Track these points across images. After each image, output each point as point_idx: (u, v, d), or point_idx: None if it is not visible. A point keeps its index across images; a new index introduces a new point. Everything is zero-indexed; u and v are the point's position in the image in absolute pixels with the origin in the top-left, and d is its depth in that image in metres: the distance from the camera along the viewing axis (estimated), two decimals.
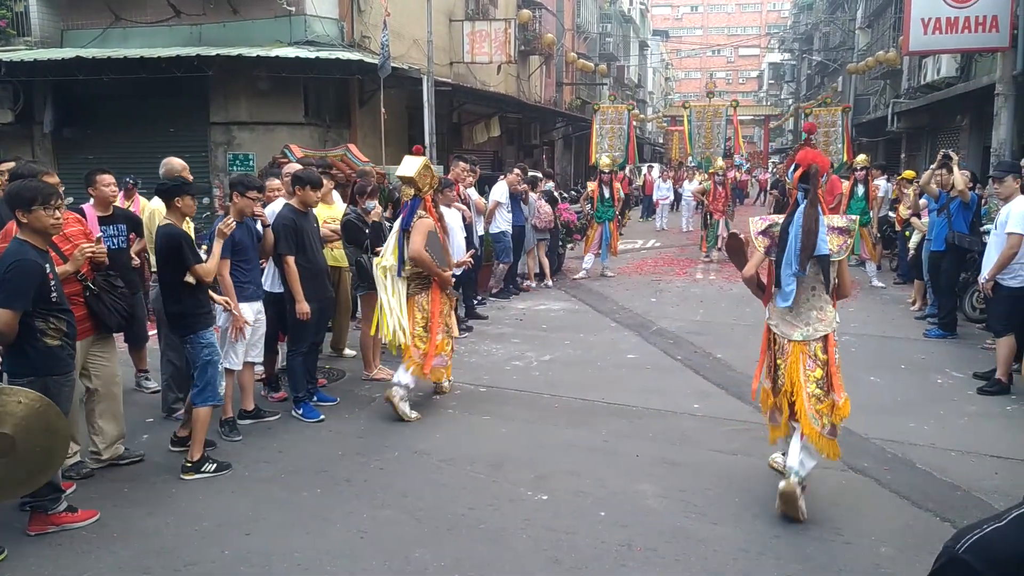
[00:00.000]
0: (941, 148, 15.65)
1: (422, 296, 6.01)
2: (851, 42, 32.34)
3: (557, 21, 28.38)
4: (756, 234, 4.48)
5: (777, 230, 4.39)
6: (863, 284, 11.72)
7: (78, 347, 4.61)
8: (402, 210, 6.07)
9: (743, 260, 4.68)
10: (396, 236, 5.95)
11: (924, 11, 11.85)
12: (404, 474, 4.85)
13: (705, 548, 3.88)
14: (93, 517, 4.20)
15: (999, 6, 11.37)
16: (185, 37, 13.14)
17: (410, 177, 5.88)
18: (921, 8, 11.88)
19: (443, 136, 16.95)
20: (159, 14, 13.24)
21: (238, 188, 5.44)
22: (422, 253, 5.78)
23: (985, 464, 4.96)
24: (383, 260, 5.97)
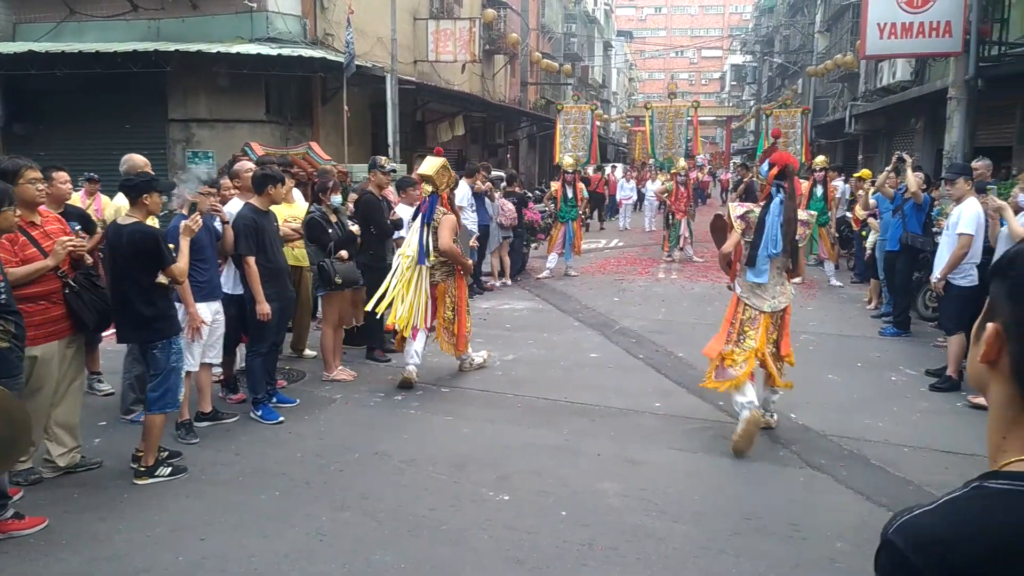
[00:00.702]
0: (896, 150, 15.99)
1: (449, 283, 6.69)
2: (811, 45, 32.89)
3: (522, 21, 28.41)
4: (736, 218, 5.23)
5: (753, 217, 5.15)
6: (822, 283, 11.92)
7: (56, 347, 4.51)
8: (421, 206, 6.68)
9: (723, 238, 5.38)
10: (417, 230, 6.55)
11: (880, 16, 12.08)
12: (364, 476, 4.80)
13: (666, 546, 3.91)
14: (41, 524, 4.08)
15: (952, 12, 11.63)
16: (142, 32, 12.88)
17: (429, 175, 6.56)
18: (877, 13, 12.11)
19: (407, 135, 16.87)
20: (115, 8, 12.97)
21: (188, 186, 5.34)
22: (452, 246, 6.48)
23: (936, 459, 5.07)
24: (406, 250, 6.58)
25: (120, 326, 4.80)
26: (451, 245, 6.50)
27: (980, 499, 0.97)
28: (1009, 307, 1.00)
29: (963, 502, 0.98)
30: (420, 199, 6.85)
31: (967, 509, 0.97)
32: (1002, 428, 1.03)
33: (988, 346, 1.02)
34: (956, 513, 0.97)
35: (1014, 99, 12.49)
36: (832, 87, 28.33)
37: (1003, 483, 0.98)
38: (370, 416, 5.94)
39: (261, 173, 5.94)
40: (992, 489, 0.98)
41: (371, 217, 7.21)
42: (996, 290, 1.04)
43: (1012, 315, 0.99)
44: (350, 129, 12.72)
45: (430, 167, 6.64)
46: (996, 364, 1.02)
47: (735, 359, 5.18)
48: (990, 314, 1.04)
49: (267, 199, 5.85)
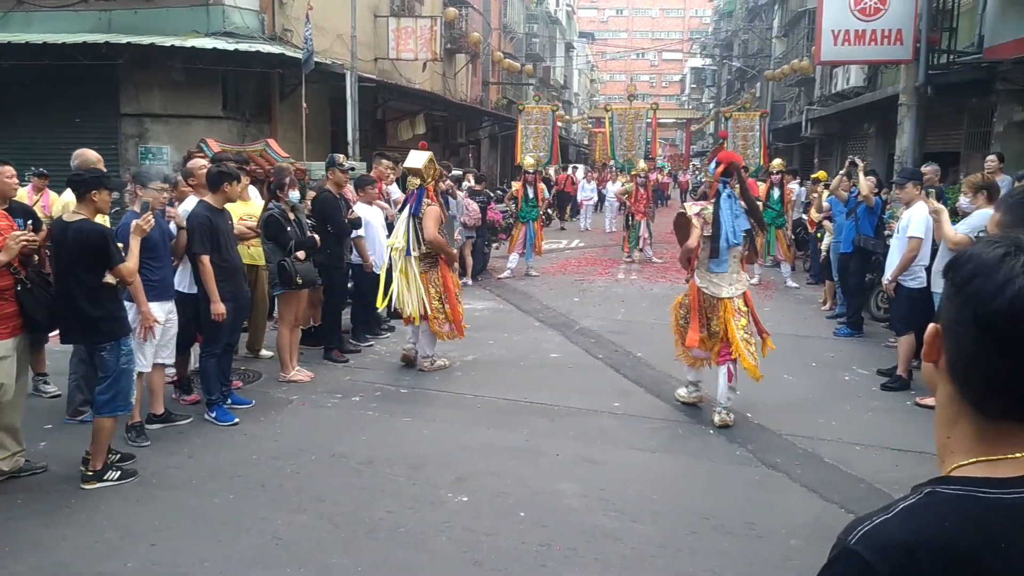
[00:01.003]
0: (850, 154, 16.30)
1: (433, 273, 6.86)
2: (768, 50, 33.41)
3: (484, 20, 28.36)
4: (693, 215, 5.72)
5: (708, 214, 5.66)
6: (778, 285, 12.10)
7: (10, 344, 4.36)
8: (409, 198, 6.92)
9: (686, 235, 5.76)
10: (405, 222, 6.81)
11: (834, 23, 12.30)
12: (321, 478, 4.74)
13: (624, 546, 3.92)
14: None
15: (903, 21, 11.90)
16: (93, 23, 12.54)
17: (417, 169, 6.83)
18: (831, 20, 12.34)
19: (367, 133, 16.71)
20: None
21: (139, 180, 5.21)
22: (436, 236, 6.72)
23: (886, 457, 5.17)
24: (395, 242, 6.84)
25: (65, 327, 4.66)
26: (435, 235, 6.72)
27: (934, 506, 0.99)
28: (945, 307, 1.03)
29: (918, 509, 0.99)
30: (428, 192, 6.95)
31: (922, 516, 0.98)
32: (945, 427, 1.06)
33: (928, 345, 1.05)
34: (912, 520, 0.98)
35: (962, 106, 12.82)
36: (789, 91, 28.81)
37: (953, 488, 1.00)
38: (327, 417, 5.87)
39: (216, 170, 5.83)
40: (944, 495, 1.00)
41: (328, 216, 7.13)
42: (943, 293, 1.07)
43: (947, 315, 1.02)
44: (309, 126, 12.55)
45: (417, 160, 6.88)
46: (938, 363, 1.05)
47: (708, 344, 5.77)
48: (936, 315, 1.07)
49: (222, 197, 5.75)
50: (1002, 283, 0.94)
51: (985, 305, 0.95)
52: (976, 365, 0.98)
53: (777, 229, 12.22)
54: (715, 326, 5.69)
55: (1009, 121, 10.68)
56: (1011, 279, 0.94)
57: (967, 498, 0.98)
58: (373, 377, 6.88)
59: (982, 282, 0.96)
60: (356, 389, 6.52)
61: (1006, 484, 0.98)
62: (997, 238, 1.02)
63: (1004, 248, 0.98)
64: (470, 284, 11.83)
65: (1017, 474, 0.98)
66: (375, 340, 8.15)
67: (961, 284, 0.99)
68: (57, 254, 4.60)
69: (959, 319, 0.99)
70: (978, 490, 0.98)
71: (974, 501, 0.97)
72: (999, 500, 0.96)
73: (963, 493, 0.98)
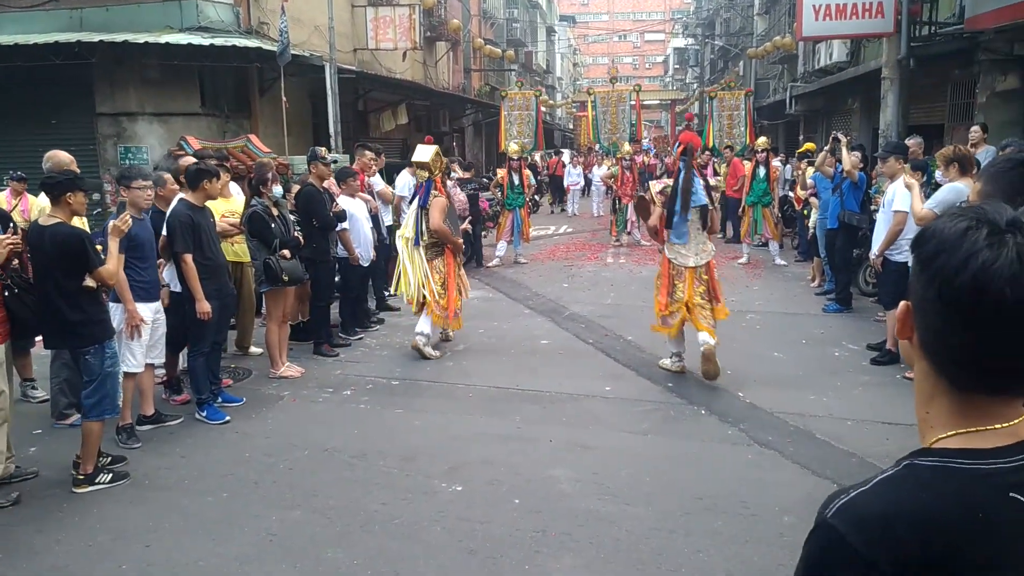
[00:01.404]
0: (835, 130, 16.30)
1: (438, 261, 7.20)
2: (750, 28, 33.32)
3: (463, 7, 28.17)
4: (656, 193, 6.31)
5: (669, 191, 6.24)
6: (767, 263, 12.12)
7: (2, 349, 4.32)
8: (418, 190, 7.30)
9: (648, 214, 6.47)
10: (414, 212, 7.16)
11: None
12: (314, 473, 4.73)
13: (618, 529, 3.93)
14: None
15: None
16: (64, 22, 12.35)
17: (425, 162, 7.17)
18: None
19: (348, 124, 16.61)
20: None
21: (122, 182, 5.16)
22: (442, 226, 7.01)
23: (877, 431, 5.20)
24: (404, 232, 7.23)
25: (46, 332, 4.62)
26: (441, 225, 7.02)
27: (912, 477, 0.99)
28: (913, 284, 1.03)
29: (896, 481, 1.00)
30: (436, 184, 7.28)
31: (900, 487, 0.99)
32: (924, 402, 1.06)
33: (900, 323, 1.06)
34: (890, 492, 0.99)
35: (945, 78, 12.81)
36: (772, 69, 28.76)
37: (932, 460, 1.00)
38: (319, 412, 5.85)
39: (195, 168, 5.78)
40: (922, 466, 1.00)
41: (313, 210, 7.08)
42: (912, 269, 1.06)
43: (915, 292, 1.02)
44: (289, 120, 12.44)
45: (425, 155, 7.24)
46: (911, 340, 1.05)
47: (672, 309, 6.29)
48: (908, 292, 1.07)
49: (202, 194, 5.70)
50: (965, 258, 0.94)
51: (949, 281, 0.95)
52: (944, 340, 0.99)
53: (764, 208, 12.22)
54: (679, 292, 6.24)
55: (992, 91, 10.68)
56: (973, 253, 0.94)
57: (945, 469, 0.98)
58: (363, 370, 6.86)
59: (946, 258, 0.96)
60: (347, 383, 6.50)
61: (984, 455, 0.98)
62: (961, 211, 1.01)
63: (967, 222, 0.97)
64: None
65: (995, 445, 0.99)
66: (364, 333, 8.12)
67: (926, 260, 0.99)
68: (35, 259, 4.54)
69: (925, 296, 0.99)
70: (956, 461, 0.98)
71: (952, 472, 0.97)
72: (977, 470, 0.97)
73: (941, 465, 0.99)
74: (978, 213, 0.98)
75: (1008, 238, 0.94)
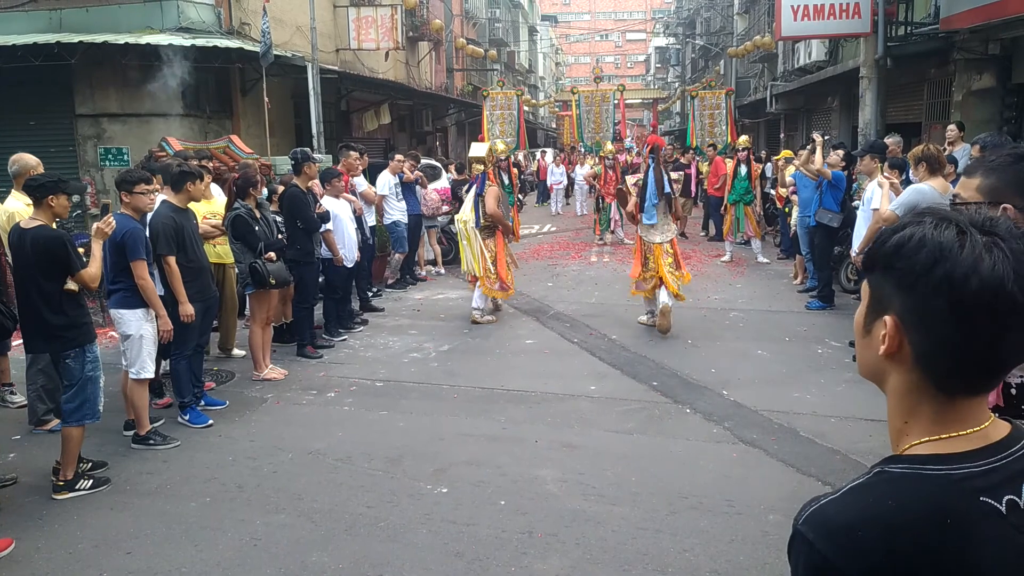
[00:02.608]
0: (815, 128, 16.41)
1: (489, 241, 8.43)
2: (730, 27, 33.48)
3: (445, 6, 28.12)
4: (631, 185, 7.99)
5: (639, 183, 7.77)
6: (749, 261, 12.18)
7: None
8: (474, 181, 8.63)
9: (626, 202, 8.09)
10: (472, 199, 8.44)
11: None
12: (299, 476, 4.70)
13: (604, 529, 3.93)
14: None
15: None
16: (44, 23, 12.23)
17: (481, 157, 8.57)
18: None
19: (331, 125, 16.54)
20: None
21: (124, 188, 5.10)
22: (496, 211, 8.30)
23: (860, 428, 5.23)
24: (463, 215, 8.45)
25: (27, 335, 4.57)
26: (496, 210, 8.28)
27: (881, 484, 0.99)
28: (901, 298, 0.99)
29: (865, 489, 1.00)
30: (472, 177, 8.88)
31: (869, 496, 0.99)
32: (904, 414, 1.05)
33: (891, 340, 1.01)
34: (858, 500, 0.98)
35: (921, 77, 12.94)
36: (753, 68, 28.92)
37: (903, 467, 1.00)
38: (303, 415, 5.82)
39: (178, 170, 5.73)
40: (893, 473, 1.00)
41: (296, 212, 7.04)
42: (880, 282, 1.03)
43: (906, 306, 0.99)
44: (272, 121, 12.37)
45: (480, 150, 8.69)
46: (896, 355, 1.02)
47: (646, 277, 7.79)
48: (878, 307, 1.03)
49: (185, 196, 5.66)
50: (972, 264, 0.93)
51: (959, 291, 0.93)
52: (951, 348, 0.97)
53: (746, 206, 12.28)
54: (651, 264, 7.70)
55: (968, 90, 10.80)
56: (978, 259, 0.93)
57: (915, 476, 0.98)
58: (347, 372, 6.83)
59: (950, 267, 0.94)
60: (331, 385, 6.47)
61: (954, 460, 0.98)
62: (929, 217, 0.99)
63: (953, 228, 0.96)
64: (443, 273, 11.80)
65: (965, 449, 0.99)
66: (348, 334, 8.08)
67: (922, 272, 0.96)
68: (16, 262, 4.49)
69: (927, 308, 0.96)
70: (926, 467, 0.98)
71: (923, 479, 0.97)
72: (947, 476, 0.97)
73: (912, 471, 0.99)
74: (954, 217, 0.97)
75: (995, 240, 0.94)
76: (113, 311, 5.21)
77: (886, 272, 1.01)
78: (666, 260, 7.63)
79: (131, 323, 5.08)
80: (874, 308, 1.04)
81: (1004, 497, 0.96)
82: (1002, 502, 0.96)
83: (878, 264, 1.03)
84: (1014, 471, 0.98)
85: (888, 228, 1.03)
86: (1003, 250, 0.93)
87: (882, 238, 1.03)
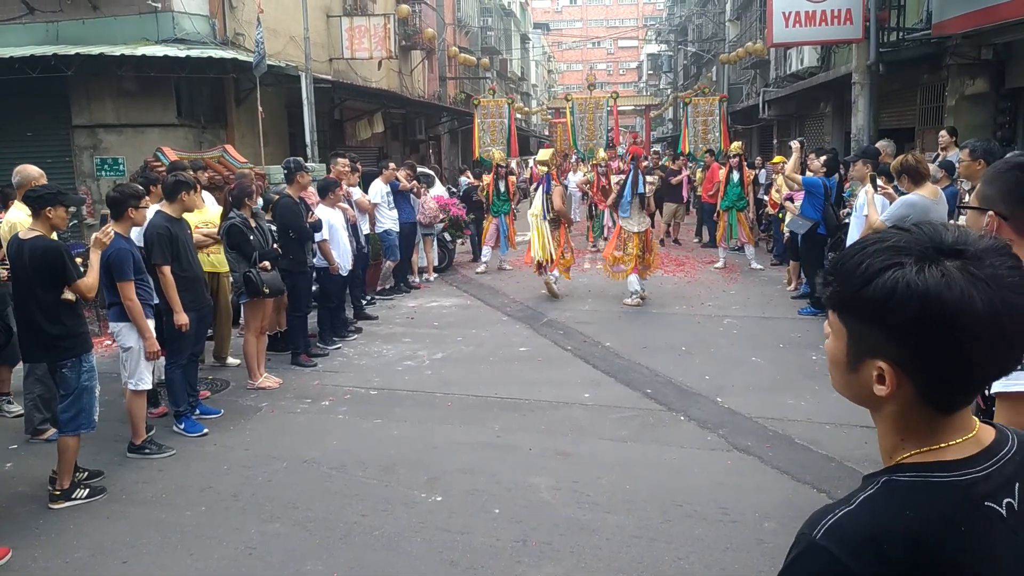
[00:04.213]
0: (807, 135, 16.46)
1: (556, 232, 10.02)
2: (722, 33, 33.58)
3: (437, 15, 28.19)
4: (614, 184, 10.10)
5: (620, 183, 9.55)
6: (743, 267, 12.22)
7: None
8: (541, 181, 10.28)
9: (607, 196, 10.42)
10: (540, 196, 10.10)
11: (784, 5, 12.40)
12: (293, 485, 4.70)
13: (598, 538, 3.95)
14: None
15: (852, 0, 12.05)
16: (40, 35, 12.23)
17: (545, 161, 10.39)
18: (782, 2, 12.43)
19: (325, 133, 16.55)
20: (9, 11, 12.28)
21: (131, 203, 5.09)
22: (562, 207, 10.03)
23: (855, 434, 5.25)
24: (534, 210, 10.15)
25: (25, 345, 4.59)
26: (561, 206, 10.00)
27: (895, 494, 1.01)
28: (897, 346, 0.98)
29: (880, 499, 1.01)
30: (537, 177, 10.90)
31: (886, 505, 1.00)
32: (900, 432, 1.06)
33: (892, 384, 1.00)
34: (876, 511, 1.00)
35: (914, 82, 13.00)
36: (745, 74, 29.02)
37: (910, 475, 1.02)
38: (297, 423, 5.83)
39: (173, 180, 5.75)
40: (903, 483, 1.01)
41: (289, 222, 7.06)
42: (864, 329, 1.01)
43: (905, 351, 0.98)
44: (266, 130, 12.38)
45: (545, 155, 10.60)
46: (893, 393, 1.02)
47: (624, 261, 9.49)
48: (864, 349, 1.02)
49: (180, 206, 5.68)
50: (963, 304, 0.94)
51: (956, 332, 0.94)
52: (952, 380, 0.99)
53: (739, 212, 12.33)
54: (628, 248, 9.42)
55: (961, 95, 10.85)
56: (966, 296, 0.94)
57: (924, 484, 1.00)
58: (342, 380, 6.84)
59: (938, 308, 0.94)
60: (325, 393, 6.48)
61: (957, 467, 1.00)
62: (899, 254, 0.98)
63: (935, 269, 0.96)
64: (432, 280, 11.82)
65: (963, 455, 1.01)
66: (342, 342, 8.09)
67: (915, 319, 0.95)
68: (14, 272, 4.52)
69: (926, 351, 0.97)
70: (932, 475, 1.00)
71: (931, 487, 0.99)
72: (954, 483, 0.99)
73: (921, 480, 1.00)
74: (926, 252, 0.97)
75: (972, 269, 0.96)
76: (112, 324, 5.23)
77: (872, 321, 0.99)
78: (639, 248, 9.45)
79: (130, 336, 5.10)
80: (858, 350, 1.03)
81: (1004, 500, 0.99)
82: (1002, 505, 0.99)
83: (859, 311, 1.01)
84: (1008, 474, 1.01)
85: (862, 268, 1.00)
86: (984, 281, 0.94)
87: (855, 281, 1.00)
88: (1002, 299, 0.94)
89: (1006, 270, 0.96)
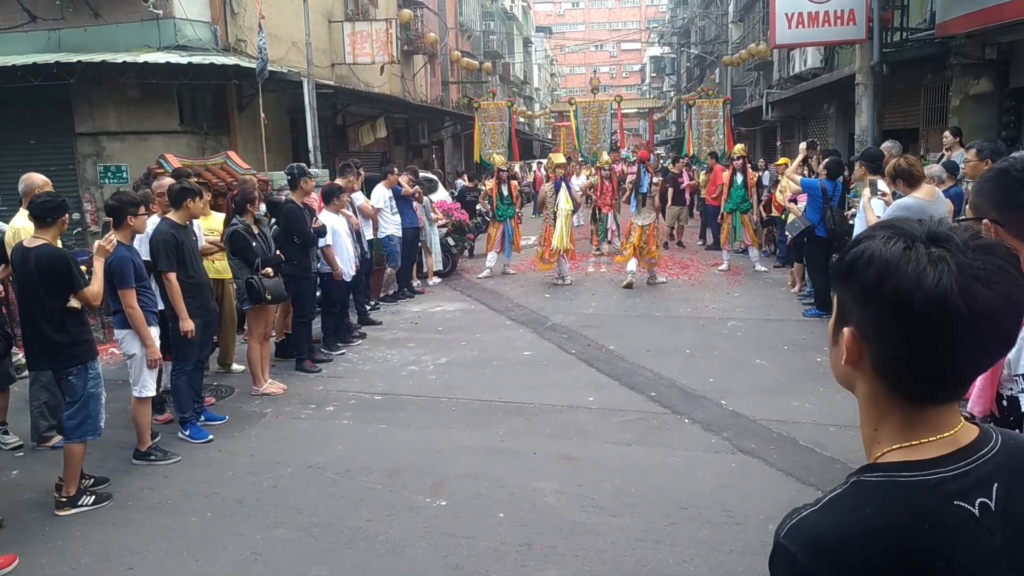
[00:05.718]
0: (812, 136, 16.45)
1: None
2: (725, 35, 33.61)
3: (439, 20, 28.24)
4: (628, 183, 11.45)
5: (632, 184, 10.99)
6: (747, 269, 12.21)
7: None
8: (559, 181, 11.45)
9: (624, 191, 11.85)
10: (563, 193, 11.30)
11: (787, 7, 12.40)
12: (298, 491, 4.71)
13: (603, 541, 3.94)
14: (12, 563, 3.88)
15: (855, 1, 12.04)
16: (43, 43, 12.29)
17: (562, 163, 11.78)
18: (785, 4, 12.43)
19: (327, 139, 16.59)
20: (11, 20, 12.33)
21: (130, 210, 5.11)
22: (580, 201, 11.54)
23: (859, 436, 5.14)
24: (563, 205, 11.22)
25: (31, 353, 4.60)
26: (579, 201, 12.35)
27: (859, 494, 1.01)
28: (858, 311, 1.02)
29: (844, 499, 1.01)
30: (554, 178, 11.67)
31: (848, 505, 1.00)
32: (873, 421, 1.07)
33: (849, 350, 1.04)
34: (838, 510, 1.00)
35: (918, 82, 12.99)
36: (748, 76, 29.01)
37: (878, 475, 1.02)
38: (302, 429, 5.84)
39: (179, 187, 5.77)
40: (869, 482, 1.02)
41: (293, 227, 7.07)
42: (842, 295, 1.06)
43: (862, 319, 1.01)
44: (268, 136, 12.42)
45: (560, 158, 11.98)
46: (858, 364, 1.05)
47: (626, 247, 11.02)
48: (842, 318, 1.06)
49: (185, 213, 5.70)
50: (915, 278, 0.94)
51: (905, 305, 0.95)
52: (906, 360, 0.99)
53: (742, 214, 12.32)
54: (632, 237, 10.79)
55: (965, 95, 10.83)
56: (922, 273, 0.95)
57: (891, 483, 1.00)
58: (346, 385, 6.85)
59: (895, 282, 0.96)
60: (329, 399, 6.48)
61: (927, 466, 1.00)
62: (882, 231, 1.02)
63: (902, 242, 0.98)
64: (432, 284, 11.82)
65: (936, 455, 1.01)
66: (347, 348, 8.10)
67: (872, 288, 0.98)
68: (20, 280, 4.54)
69: (879, 322, 0.99)
70: (900, 474, 1.00)
71: (898, 486, 0.99)
72: (922, 482, 0.98)
73: (888, 479, 1.00)
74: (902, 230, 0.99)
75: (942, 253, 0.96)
76: (117, 331, 5.25)
77: (844, 286, 1.04)
78: (643, 238, 10.76)
79: (134, 343, 5.12)
80: (839, 319, 1.07)
81: (976, 500, 0.98)
82: (975, 505, 0.98)
83: (838, 277, 1.06)
84: (984, 473, 1.00)
85: (851, 242, 1.06)
86: (948, 264, 0.94)
87: (843, 252, 1.06)
88: (961, 285, 0.93)
89: (981, 261, 0.95)
